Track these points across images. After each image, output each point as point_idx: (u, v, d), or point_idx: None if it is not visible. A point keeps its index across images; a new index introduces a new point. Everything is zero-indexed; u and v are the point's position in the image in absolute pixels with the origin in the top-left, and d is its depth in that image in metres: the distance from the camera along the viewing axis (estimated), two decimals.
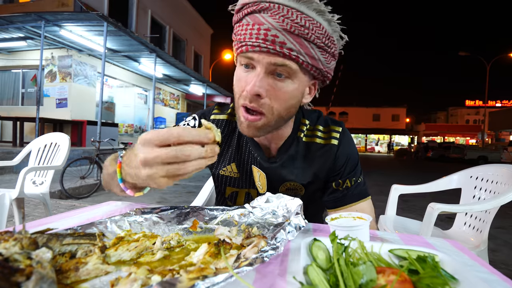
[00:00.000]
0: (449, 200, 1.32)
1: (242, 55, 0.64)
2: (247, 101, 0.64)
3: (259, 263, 0.38)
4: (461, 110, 49.80)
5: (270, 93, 0.64)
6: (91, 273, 0.40)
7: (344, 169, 0.79)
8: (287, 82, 0.64)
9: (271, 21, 0.59)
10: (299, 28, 0.59)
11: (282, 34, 0.59)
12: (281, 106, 0.66)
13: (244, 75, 0.66)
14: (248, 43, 0.62)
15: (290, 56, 0.61)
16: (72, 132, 7.88)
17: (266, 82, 0.63)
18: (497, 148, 19.65)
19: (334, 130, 0.80)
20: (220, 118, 0.86)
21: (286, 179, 0.80)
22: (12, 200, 1.89)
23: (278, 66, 0.62)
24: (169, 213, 0.64)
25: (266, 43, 0.60)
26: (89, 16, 5.71)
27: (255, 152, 0.80)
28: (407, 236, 0.65)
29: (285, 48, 0.60)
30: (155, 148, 0.45)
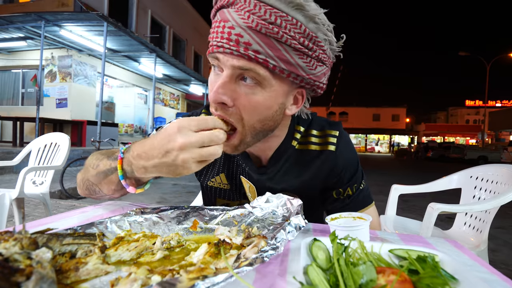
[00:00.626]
0: (449, 200, 1.32)
1: (210, 55, 0.57)
2: (214, 109, 0.57)
3: (259, 263, 0.38)
4: (461, 110, 49.81)
5: (237, 102, 0.55)
6: (91, 273, 0.40)
7: (343, 176, 0.72)
8: (256, 89, 0.55)
9: (236, 17, 0.51)
10: (267, 26, 0.49)
11: (247, 33, 0.50)
12: (252, 118, 0.57)
13: (213, 79, 0.58)
14: (213, 42, 0.54)
15: (256, 60, 0.51)
16: (72, 132, 7.88)
17: (230, 88, 0.54)
18: (497, 148, 19.66)
19: (330, 135, 0.72)
20: None
21: (276, 189, 0.72)
22: (12, 200, 1.89)
23: (244, 71, 0.53)
24: (169, 213, 0.64)
25: (229, 44, 0.51)
26: (89, 16, 5.72)
27: (244, 162, 0.74)
28: (407, 236, 0.65)
29: (251, 50, 0.51)
30: (194, 133, 0.48)
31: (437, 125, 42.61)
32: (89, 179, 0.65)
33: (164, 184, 5.91)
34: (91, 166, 0.65)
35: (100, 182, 0.63)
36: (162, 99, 12.94)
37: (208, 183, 0.83)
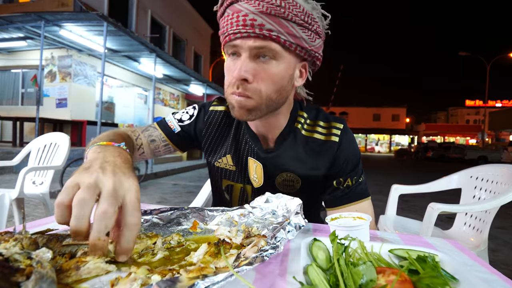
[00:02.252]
0: (449, 200, 1.32)
1: (227, 45, 0.66)
2: (235, 88, 0.66)
3: (259, 262, 0.38)
4: (461, 110, 49.79)
5: (257, 77, 0.65)
6: (92, 272, 0.40)
7: (345, 167, 0.77)
8: (272, 63, 0.65)
9: (248, 6, 0.61)
10: (275, 9, 0.61)
11: (260, 16, 0.61)
12: (269, 88, 0.66)
13: (232, 64, 0.67)
14: (229, 32, 0.64)
15: (270, 37, 0.62)
16: (72, 132, 7.88)
17: (251, 66, 0.64)
18: (497, 148, 19.65)
19: (335, 127, 0.78)
20: (218, 110, 0.87)
21: (283, 168, 0.78)
22: (12, 200, 1.88)
23: (260, 49, 0.63)
24: (169, 214, 0.64)
25: (245, 28, 0.61)
26: (89, 16, 5.71)
27: (253, 143, 0.80)
28: (407, 236, 0.65)
29: (265, 30, 0.61)
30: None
31: (437, 125, 42.59)
32: None
33: (164, 184, 5.91)
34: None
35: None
36: (162, 99, 12.93)
37: (215, 163, 0.87)
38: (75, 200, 0.38)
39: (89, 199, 0.38)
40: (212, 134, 0.86)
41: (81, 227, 0.37)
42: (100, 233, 0.37)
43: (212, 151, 0.87)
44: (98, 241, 0.37)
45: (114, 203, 0.39)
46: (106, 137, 0.63)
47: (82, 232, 0.37)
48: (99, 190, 0.40)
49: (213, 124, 0.86)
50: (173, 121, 0.87)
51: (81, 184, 0.40)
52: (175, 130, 0.85)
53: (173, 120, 0.87)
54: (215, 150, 0.87)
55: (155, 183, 5.94)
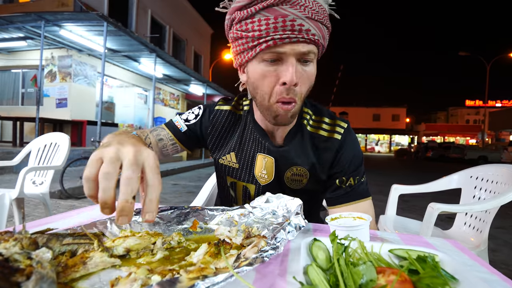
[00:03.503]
0: (449, 200, 1.32)
1: (269, 51, 0.64)
2: (284, 95, 0.67)
3: (259, 263, 0.38)
4: (461, 110, 49.78)
5: (300, 80, 0.67)
6: (99, 265, 0.41)
7: (348, 167, 0.79)
8: (310, 65, 0.68)
9: (294, 11, 0.61)
10: (317, 14, 0.63)
11: (306, 22, 0.62)
12: (305, 89, 0.70)
13: (272, 70, 0.66)
14: (275, 37, 0.62)
15: (315, 42, 0.64)
16: (72, 132, 7.87)
17: (299, 71, 0.66)
18: (497, 148, 19.64)
19: (339, 126, 0.81)
20: (224, 109, 0.89)
21: (293, 162, 0.80)
22: (12, 200, 1.88)
23: (306, 54, 0.65)
24: (169, 213, 0.64)
25: (294, 33, 0.62)
26: (89, 16, 5.71)
27: (263, 139, 0.82)
28: (407, 236, 0.65)
29: (310, 35, 0.63)
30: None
31: (437, 125, 42.57)
32: None
33: (164, 184, 5.91)
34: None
35: None
36: (162, 99, 12.93)
37: (219, 160, 0.89)
38: (100, 174, 0.40)
39: (113, 172, 0.41)
40: (218, 132, 0.88)
41: (108, 198, 0.40)
42: (127, 196, 0.40)
43: (217, 149, 0.89)
44: (126, 204, 0.40)
45: (136, 169, 0.42)
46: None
47: (109, 203, 0.40)
48: (121, 162, 0.42)
49: (219, 123, 0.88)
50: (179, 121, 0.89)
51: (104, 158, 0.42)
52: (182, 129, 0.87)
53: (180, 120, 0.89)
54: (220, 147, 0.89)
55: None
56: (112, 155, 0.42)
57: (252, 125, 0.84)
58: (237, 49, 0.70)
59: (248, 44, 0.66)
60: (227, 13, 0.70)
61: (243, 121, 0.87)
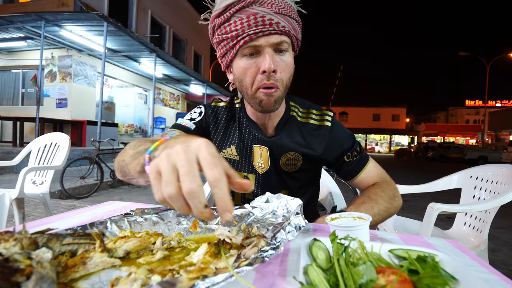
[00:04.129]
0: (449, 200, 1.31)
1: (247, 46, 0.72)
2: (265, 80, 0.73)
3: (259, 263, 0.38)
4: (461, 110, 49.79)
5: (279, 68, 0.74)
6: (99, 265, 0.41)
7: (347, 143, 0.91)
8: (286, 54, 0.76)
9: (263, 9, 0.70)
10: (284, 9, 0.72)
11: (275, 16, 0.71)
12: (286, 77, 0.77)
13: (252, 62, 0.74)
14: (249, 32, 0.70)
15: (285, 32, 0.73)
16: (72, 132, 7.88)
17: (276, 60, 0.73)
18: (497, 148, 19.63)
19: (327, 114, 0.92)
20: (220, 105, 0.96)
21: (287, 148, 0.88)
22: (12, 200, 1.88)
23: (279, 44, 0.73)
24: (169, 213, 0.64)
25: (266, 27, 0.70)
26: (89, 16, 5.71)
27: (256, 131, 0.89)
28: (407, 236, 0.65)
29: (281, 27, 0.71)
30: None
31: (437, 125, 42.56)
32: (124, 159, 0.62)
33: None
34: (131, 147, 0.64)
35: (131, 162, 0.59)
36: (162, 99, 12.93)
37: (221, 154, 0.93)
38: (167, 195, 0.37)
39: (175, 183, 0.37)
40: (218, 127, 0.94)
41: (204, 213, 0.37)
42: (198, 209, 0.36)
43: (219, 143, 0.94)
44: (202, 214, 0.37)
45: (193, 176, 0.36)
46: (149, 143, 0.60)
47: (207, 216, 0.37)
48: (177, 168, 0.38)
49: (219, 118, 0.94)
50: (185, 122, 0.91)
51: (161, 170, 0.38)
52: (190, 127, 0.90)
53: (185, 121, 0.92)
54: (222, 142, 0.94)
55: None
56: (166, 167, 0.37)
57: (245, 119, 0.91)
58: (221, 51, 0.79)
59: (229, 44, 0.74)
60: (209, 23, 0.80)
61: (237, 117, 0.94)
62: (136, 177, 0.57)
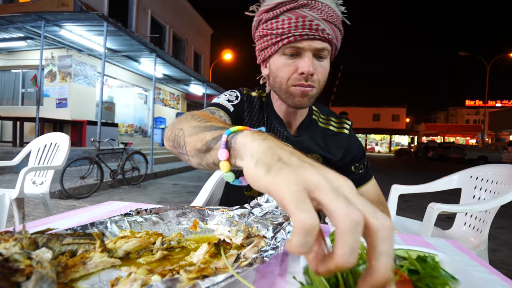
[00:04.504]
0: (449, 200, 1.31)
1: (289, 45, 0.75)
2: (303, 81, 0.76)
3: (259, 263, 0.38)
4: (461, 110, 49.80)
5: (317, 71, 0.77)
6: (99, 265, 0.41)
7: (357, 155, 0.95)
8: (325, 61, 0.78)
9: (312, 13, 0.72)
10: (332, 17, 0.74)
11: (322, 23, 0.73)
12: (323, 80, 0.80)
13: (291, 62, 0.76)
14: (295, 33, 0.73)
15: (328, 40, 0.75)
16: (72, 132, 7.87)
17: (315, 64, 0.76)
18: (497, 148, 19.63)
19: (346, 123, 0.98)
20: (252, 95, 0.95)
21: (310, 150, 0.91)
22: (12, 200, 1.88)
23: (321, 50, 0.75)
24: (169, 213, 0.64)
25: (312, 31, 0.72)
26: (89, 16, 5.71)
27: (282, 128, 0.90)
28: (407, 236, 0.65)
29: (325, 34, 0.73)
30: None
31: (437, 125, 42.56)
32: (183, 128, 0.54)
33: (164, 184, 5.91)
34: (194, 117, 0.56)
35: (192, 135, 0.50)
36: (162, 99, 12.93)
37: None
38: (301, 230, 0.24)
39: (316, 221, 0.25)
40: (251, 117, 0.92)
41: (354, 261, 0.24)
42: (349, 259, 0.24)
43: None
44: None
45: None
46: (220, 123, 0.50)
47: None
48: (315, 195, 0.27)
49: (251, 107, 0.93)
50: (224, 102, 0.86)
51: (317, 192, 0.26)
52: (230, 109, 0.85)
53: (224, 102, 0.86)
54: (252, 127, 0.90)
55: (155, 183, 5.94)
56: (297, 195, 0.26)
57: (271, 114, 0.92)
58: (262, 45, 0.80)
59: (272, 40, 0.76)
60: (255, 16, 0.81)
61: (266, 108, 0.93)
62: (191, 154, 0.49)
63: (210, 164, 0.45)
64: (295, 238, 0.24)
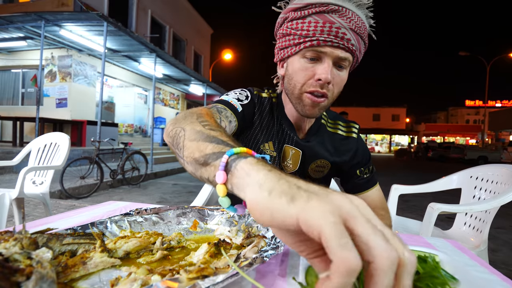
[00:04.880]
0: (449, 200, 1.31)
1: (312, 49, 0.72)
2: (318, 88, 0.74)
3: (259, 263, 0.38)
4: (461, 110, 49.81)
5: (334, 80, 0.75)
6: (99, 265, 0.41)
7: (363, 159, 0.94)
8: (344, 71, 0.76)
9: (341, 21, 0.70)
10: (360, 28, 0.72)
11: (349, 32, 0.70)
12: (337, 90, 0.78)
13: (310, 66, 0.74)
14: (320, 38, 0.70)
15: (351, 51, 0.72)
16: (72, 132, 7.88)
17: (333, 72, 0.74)
18: (497, 148, 19.64)
19: (354, 127, 0.96)
20: (263, 96, 0.91)
21: (319, 155, 0.90)
22: (12, 200, 1.88)
23: (342, 59, 0.73)
24: (169, 213, 0.64)
25: (337, 39, 0.70)
26: (89, 16, 5.71)
27: (291, 132, 0.89)
28: (407, 236, 0.65)
29: (350, 44, 0.71)
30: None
31: (437, 125, 42.56)
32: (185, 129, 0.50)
33: (164, 184, 5.91)
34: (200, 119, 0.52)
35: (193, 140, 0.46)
36: (162, 99, 12.93)
37: (260, 147, 0.89)
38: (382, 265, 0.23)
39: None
40: (260, 118, 0.88)
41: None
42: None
43: (260, 137, 0.88)
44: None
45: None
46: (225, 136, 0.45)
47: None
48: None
49: (262, 109, 0.89)
50: (234, 101, 0.81)
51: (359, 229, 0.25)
52: (238, 109, 0.80)
53: (233, 100, 0.81)
54: (262, 135, 0.88)
55: (155, 183, 5.94)
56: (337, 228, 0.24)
57: (281, 117, 0.90)
58: (283, 44, 0.78)
59: (295, 40, 0.74)
60: (282, 13, 0.78)
61: (276, 110, 0.91)
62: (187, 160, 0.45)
63: (204, 179, 0.43)
64: (337, 280, 0.23)
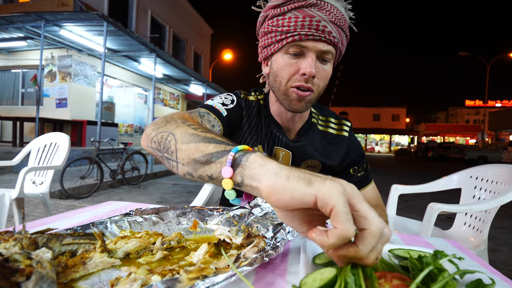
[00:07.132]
0: (449, 200, 1.31)
1: (294, 44, 0.72)
2: (303, 82, 0.74)
3: (259, 263, 0.38)
4: (461, 110, 49.81)
5: (319, 74, 0.75)
6: (99, 265, 0.41)
7: (357, 157, 0.94)
8: (328, 64, 0.76)
9: (320, 14, 0.70)
10: (340, 20, 0.72)
11: (329, 25, 0.71)
12: (323, 84, 0.78)
13: (294, 61, 0.74)
14: (301, 32, 0.70)
15: (334, 43, 0.73)
16: (72, 132, 7.87)
17: (317, 66, 0.74)
18: (497, 148, 19.63)
19: (345, 124, 0.95)
20: (250, 99, 0.91)
21: (309, 156, 0.89)
22: (12, 200, 1.88)
23: (325, 53, 0.73)
24: (169, 213, 0.64)
25: (318, 32, 0.70)
26: (89, 16, 5.70)
27: (280, 133, 0.88)
28: (407, 236, 0.65)
29: (331, 36, 0.71)
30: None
31: (437, 125, 42.57)
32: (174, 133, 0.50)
33: (164, 184, 5.91)
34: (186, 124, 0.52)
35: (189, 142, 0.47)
36: (162, 99, 12.92)
37: None
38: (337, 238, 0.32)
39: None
40: (249, 122, 0.88)
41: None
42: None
43: (249, 141, 0.88)
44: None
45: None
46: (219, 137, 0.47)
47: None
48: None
49: (250, 112, 0.89)
50: (218, 105, 0.81)
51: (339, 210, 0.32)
52: (223, 113, 0.80)
53: (217, 105, 0.81)
54: (251, 139, 0.88)
55: (155, 183, 5.94)
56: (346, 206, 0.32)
57: (269, 119, 0.89)
58: (266, 42, 0.78)
59: (277, 37, 0.74)
60: (262, 11, 0.78)
61: (264, 113, 0.90)
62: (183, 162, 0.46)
63: (204, 177, 0.45)
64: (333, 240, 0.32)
